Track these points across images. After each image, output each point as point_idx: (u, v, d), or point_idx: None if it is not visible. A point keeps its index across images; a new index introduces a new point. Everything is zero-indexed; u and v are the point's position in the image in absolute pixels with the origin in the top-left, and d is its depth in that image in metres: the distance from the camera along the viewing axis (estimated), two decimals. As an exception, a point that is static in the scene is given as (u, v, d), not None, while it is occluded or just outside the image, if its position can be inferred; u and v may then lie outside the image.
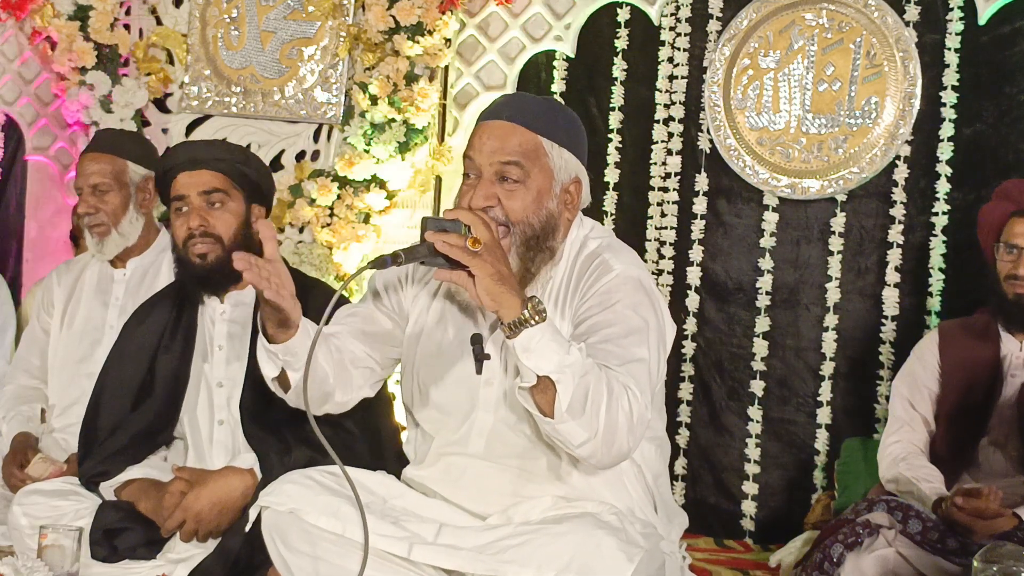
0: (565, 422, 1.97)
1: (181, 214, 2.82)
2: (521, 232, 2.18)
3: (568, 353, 1.96)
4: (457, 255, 1.98)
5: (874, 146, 3.90)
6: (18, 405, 3.41)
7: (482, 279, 1.97)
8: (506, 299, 1.97)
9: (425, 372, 2.34)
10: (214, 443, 2.83)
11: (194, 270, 2.82)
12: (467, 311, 2.30)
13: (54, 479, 2.91)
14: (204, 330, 2.90)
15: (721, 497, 4.07)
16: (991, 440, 3.07)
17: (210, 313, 2.91)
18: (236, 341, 2.87)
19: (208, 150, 2.91)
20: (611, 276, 2.20)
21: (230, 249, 2.76)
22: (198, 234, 2.79)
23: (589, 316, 2.17)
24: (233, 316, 2.90)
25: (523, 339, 1.96)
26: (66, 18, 4.37)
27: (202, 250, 2.79)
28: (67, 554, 2.24)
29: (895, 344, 3.85)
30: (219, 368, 2.86)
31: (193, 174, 2.82)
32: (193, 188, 2.81)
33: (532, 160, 2.20)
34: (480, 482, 2.26)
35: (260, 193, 2.93)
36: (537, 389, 1.98)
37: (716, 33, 4.13)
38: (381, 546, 2.11)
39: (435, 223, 2.03)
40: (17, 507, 2.70)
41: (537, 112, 2.25)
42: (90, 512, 2.67)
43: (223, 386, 2.85)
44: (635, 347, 2.11)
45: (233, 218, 2.84)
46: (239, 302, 2.90)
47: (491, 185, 2.19)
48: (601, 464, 2.09)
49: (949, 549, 2.75)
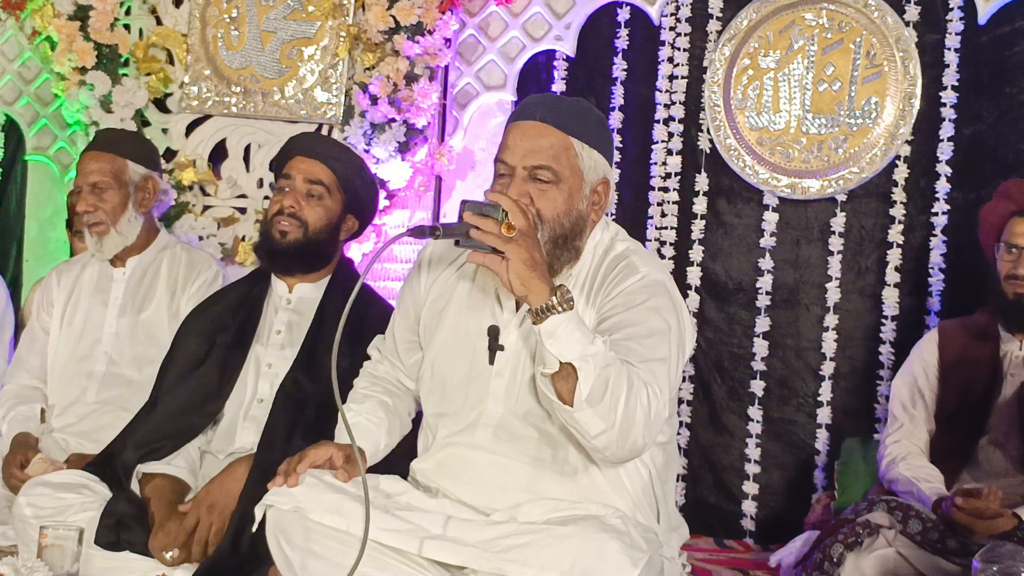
0: (583, 410, 2.00)
1: (282, 192, 2.95)
2: (551, 231, 2.22)
3: (592, 343, 2.00)
4: (492, 241, 2.03)
5: (874, 146, 3.90)
6: (18, 405, 3.41)
7: (515, 263, 2.02)
8: (536, 285, 2.02)
9: (439, 359, 2.38)
10: (247, 419, 2.86)
11: (272, 244, 2.94)
12: (486, 301, 2.34)
13: (62, 471, 2.91)
14: (267, 315, 2.99)
15: (721, 497, 4.08)
16: (991, 440, 3.07)
17: (275, 300, 3.00)
18: (295, 329, 2.95)
19: (329, 147, 3.05)
20: (637, 278, 2.24)
21: (311, 238, 2.94)
22: (287, 213, 2.92)
23: (613, 314, 2.20)
24: (297, 306, 2.98)
25: (549, 325, 2.00)
26: (66, 18, 4.37)
27: (285, 228, 2.91)
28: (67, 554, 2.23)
29: (895, 344, 3.85)
30: (272, 351, 2.93)
31: (307, 161, 2.95)
32: (301, 174, 2.94)
33: (563, 161, 2.24)
34: (484, 475, 2.27)
35: (360, 206, 3.04)
36: (558, 376, 2.01)
37: (716, 33, 4.13)
38: (388, 541, 2.12)
39: (474, 206, 2.07)
40: (23, 498, 2.70)
41: (568, 113, 2.28)
42: (95, 506, 2.68)
43: (271, 367, 2.90)
44: (657, 347, 2.14)
45: (325, 213, 2.95)
46: (305, 295, 2.98)
47: (524, 183, 2.22)
48: (615, 457, 2.10)
49: (949, 549, 2.75)
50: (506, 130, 2.31)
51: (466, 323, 2.35)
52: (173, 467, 2.80)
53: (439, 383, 2.38)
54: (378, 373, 2.59)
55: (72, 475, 2.81)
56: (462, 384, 2.33)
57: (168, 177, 4.15)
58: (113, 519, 2.65)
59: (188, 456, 2.84)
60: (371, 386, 2.56)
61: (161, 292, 3.41)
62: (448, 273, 2.44)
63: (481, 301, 2.35)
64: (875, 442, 3.54)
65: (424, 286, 2.46)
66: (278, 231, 2.92)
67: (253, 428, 2.84)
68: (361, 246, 4.11)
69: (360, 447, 2.35)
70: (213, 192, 4.35)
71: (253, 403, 2.88)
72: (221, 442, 2.87)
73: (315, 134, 3.18)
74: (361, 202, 3.05)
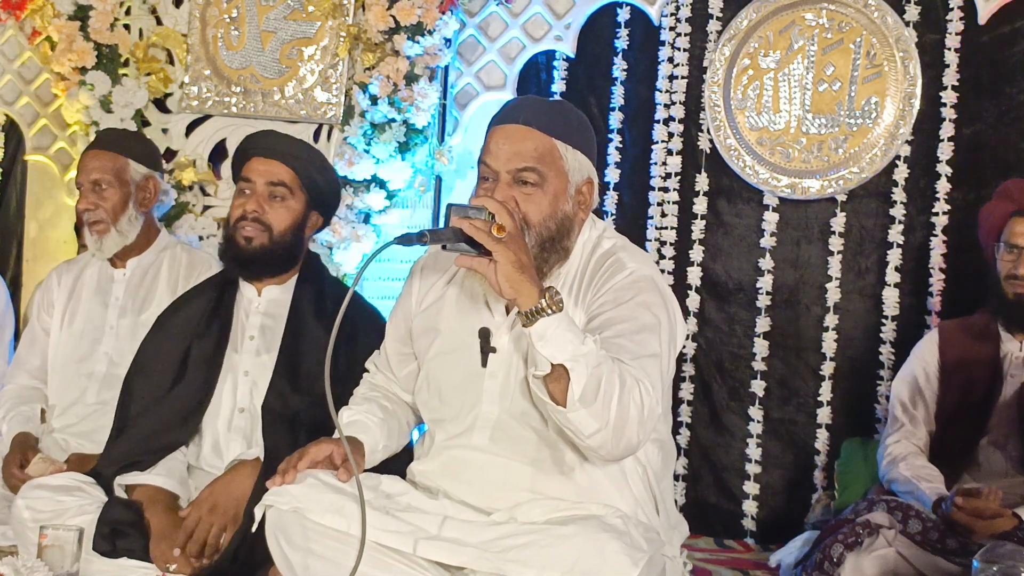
0: (577, 411, 2.00)
1: (243, 195, 2.89)
2: (538, 235, 2.22)
3: (583, 343, 1.99)
4: (482, 239, 2.01)
5: (874, 146, 3.90)
6: (18, 405, 3.41)
7: (503, 266, 2.01)
8: (525, 288, 2.01)
9: (434, 366, 2.38)
10: (232, 430, 2.85)
11: (237, 251, 2.88)
12: (476, 306, 2.34)
13: (59, 474, 2.91)
14: (238, 320, 2.94)
15: (722, 497, 4.07)
16: (991, 440, 3.07)
17: (245, 305, 2.96)
18: (268, 333, 2.92)
19: (288, 145, 2.98)
20: (625, 274, 2.24)
21: (278, 241, 2.88)
22: (250, 218, 2.86)
23: (602, 312, 2.20)
24: (268, 309, 2.95)
25: (539, 328, 1.99)
26: (66, 18, 4.36)
27: (250, 233, 2.86)
28: (67, 554, 2.24)
29: (895, 344, 3.85)
30: (248, 357, 2.90)
31: (266, 162, 2.90)
32: (261, 176, 2.88)
33: (548, 164, 2.24)
34: (483, 476, 2.27)
35: (323, 203, 3.00)
36: (551, 378, 2.01)
37: (716, 33, 4.13)
38: (385, 542, 2.13)
39: (460, 210, 2.06)
40: (21, 500, 2.70)
41: (550, 115, 2.28)
42: (93, 508, 2.67)
43: (248, 375, 2.88)
44: (648, 343, 2.15)
45: (289, 215, 2.91)
46: (275, 297, 2.95)
47: (508, 188, 2.22)
48: (610, 456, 2.10)
49: (949, 549, 2.75)
50: (488, 133, 2.31)
51: (458, 328, 2.35)
52: (152, 476, 2.77)
53: (435, 389, 2.38)
54: (376, 382, 2.60)
55: (69, 478, 2.80)
56: (458, 388, 2.33)
57: (168, 177, 4.15)
58: (108, 527, 2.64)
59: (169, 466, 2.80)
60: (370, 391, 2.57)
61: (162, 293, 3.41)
62: (440, 282, 2.44)
63: (471, 304, 2.35)
64: (875, 442, 3.54)
65: (415, 298, 2.46)
66: (243, 237, 2.86)
67: (239, 439, 2.84)
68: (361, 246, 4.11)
69: (359, 439, 2.36)
70: (213, 192, 4.34)
71: (235, 414, 2.86)
72: (211, 457, 2.86)
73: (272, 132, 3.11)
74: (324, 197, 2.99)
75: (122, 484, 2.78)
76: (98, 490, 2.76)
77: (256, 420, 2.81)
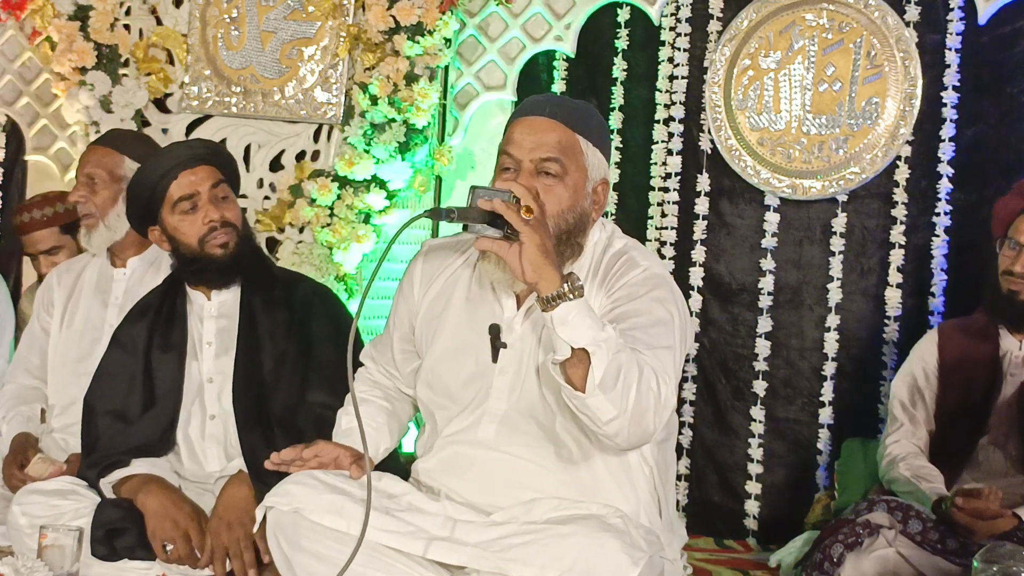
0: (596, 396, 2.00)
1: (192, 212, 2.83)
2: (555, 227, 2.22)
3: (603, 329, 2.01)
4: (512, 218, 2.02)
5: (875, 146, 3.90)
6: (18, 405, 3.41)
7: (528, 248, 2.02)
8: (547, 272, 2.02)
9: (440, 362, 2.38)
10: (206, 438, 2.85)
11: (218, 262, 2.85)
12: (484, 302, 2.34)
13: (54, 479, 2.90)
14: (193, 329, 2.92)
15: (725, 496, 4.07)
16: (991, 440, 3.07)
17: (197, 311, 2.94)
18: (224, 335, 2.90)
19: (198, 147, 2.97)
20: (639, 271, 2.27)
21: (245, 235, 2.90)
22: (219, 225, 2.83)
23: (617, 306, 2.22)
24: (221, 311, 2.93)
25: (560, 312, 2.00)
26: (66, 18, 4.37)
27: (224, 239, 2.84)
28: (67, 554, 2.24)
29: (897, 344, 3.85)
30: (208, 363, 2.89)
31: (195, 171, 2.86)
32: (202, 184, 2.84)
33: (570, 157, 2.26)
34: (488, 471, 2.27)
35: (236, 184, 3.02)
36: (570, 363, 2.01)
37: (716, 33, 4.13)
38: (390, 543, 2.13)
39: (485, 192, 2.07)
40: (16, 507, 2.70)
41: (575, 112, 2.31)
42: (89, 511, 2.67)
43: (213, 381, 2.88)
44: (662, 336, 2.16)
45: (236, 207, 2.92)
46: (226, 299, 2.94)
47: (531, 178, 2.23)
48: (626, 444, 2.11)
49: (949, 549, 2.75)
50: (511, 125, 2.32)
51: (466, 324, 2.35)
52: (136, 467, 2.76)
53: (442, 386, 2.37)
54: (376, 379, 2.59)
55: (63, 482, 2.80)
56: (465, 384, 2.33)
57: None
58: (103, 529, 2.64)
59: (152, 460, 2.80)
60: (370, 390, 2.57)
61: (161, 292, 3.41)
62: (442, 279, 2.44)
63: (479, 301, 2.35)
64: (875, 442, 3.54)
65: (418, 295, 2.46)
66: (218, 247, 2.84)
67: (214, 446, 2.84)
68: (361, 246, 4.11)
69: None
70: (213, 192, 4.34)
71: (207, 421, 2.85)
72: (193, 468, 2.86)
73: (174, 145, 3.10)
74: (237, 178, 3.03)
75: (108, 484, 2.77)
76: (91, 492, 2.75)
77: (229, 422, 2.81)
